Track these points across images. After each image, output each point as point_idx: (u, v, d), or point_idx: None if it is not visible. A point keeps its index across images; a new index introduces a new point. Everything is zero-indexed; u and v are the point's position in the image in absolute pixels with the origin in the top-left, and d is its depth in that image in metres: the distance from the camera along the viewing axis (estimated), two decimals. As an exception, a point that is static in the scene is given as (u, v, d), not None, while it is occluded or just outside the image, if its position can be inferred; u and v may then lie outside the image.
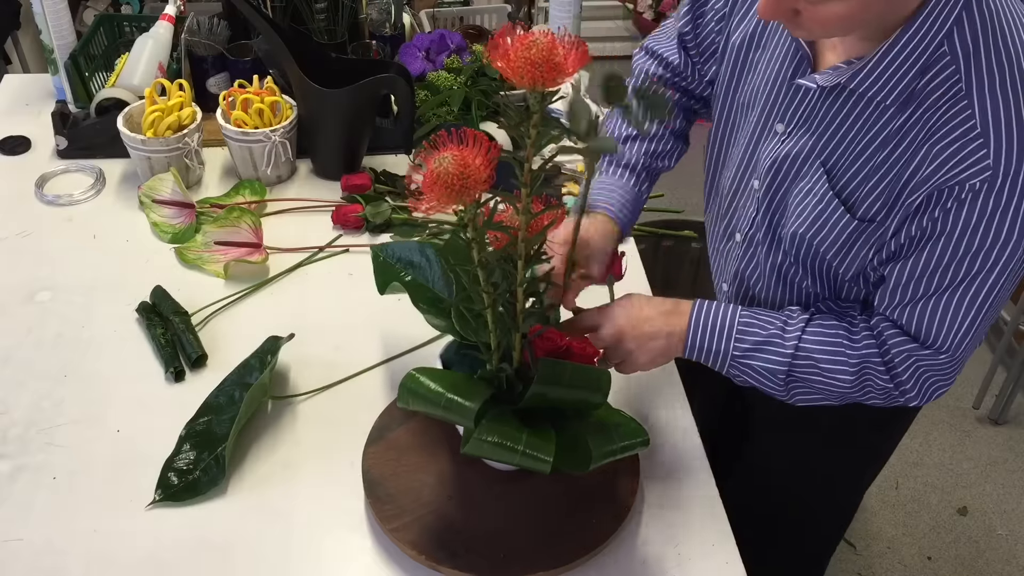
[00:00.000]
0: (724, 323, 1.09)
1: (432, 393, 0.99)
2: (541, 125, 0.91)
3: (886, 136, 0.98)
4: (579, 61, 0.87)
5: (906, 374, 1.05)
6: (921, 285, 1.00)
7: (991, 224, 0.93)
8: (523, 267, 0.97)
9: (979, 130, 0.91)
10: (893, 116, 0.97)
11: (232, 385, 1.25)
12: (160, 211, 1.57)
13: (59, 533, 1.10)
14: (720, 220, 1.27)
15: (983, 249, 0.94)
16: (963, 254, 0.95)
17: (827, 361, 1.06)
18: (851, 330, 1.07)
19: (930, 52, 0.93)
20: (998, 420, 2.50)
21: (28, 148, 1.76)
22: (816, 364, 1.06)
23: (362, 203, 1.57)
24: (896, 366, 1.05)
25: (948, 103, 0.93)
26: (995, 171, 0.91)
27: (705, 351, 1.10)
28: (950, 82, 0.93)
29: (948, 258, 0.96)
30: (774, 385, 1.09)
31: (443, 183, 0.88)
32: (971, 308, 0.99)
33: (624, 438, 1.04)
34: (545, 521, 1.09)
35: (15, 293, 1.43)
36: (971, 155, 0.92)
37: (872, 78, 0.96)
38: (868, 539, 2.19)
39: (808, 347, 1.06)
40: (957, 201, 0.93)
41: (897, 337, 1.04)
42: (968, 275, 0.97)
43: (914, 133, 0.96)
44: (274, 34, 1.58)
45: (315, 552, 1.09)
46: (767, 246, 1.16)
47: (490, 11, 2.73)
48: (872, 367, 1.05)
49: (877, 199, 1.01)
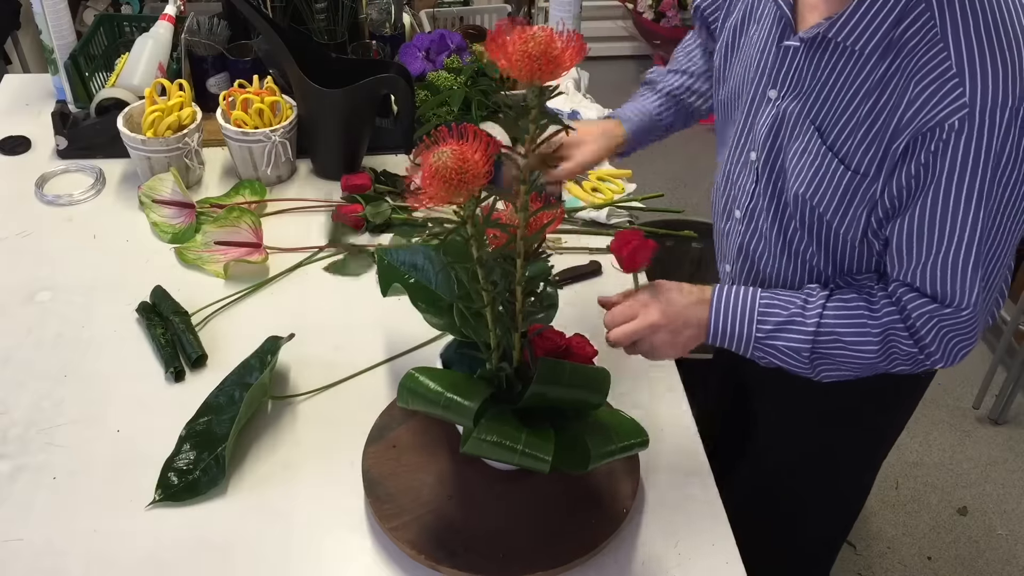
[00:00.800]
0: (745, 306, 1.10)
1: (432, 392, 1.00)
2: (539, 120, 0.91)
3: (870, 86, 1.01)
4: (576, 55, 0.88)
5: (929, 336, 1.06)
6: (924, 244, 1.01)
7: (977, 163, 0.95)
8: (522, 265, 0.97)
9: (955, 70, 0.94)
10: (875, 65, 1.00)
11: (232, 385, 1.25)
12: (160, 211, 1.57)
13: (59, 533, 1.10)
14: (720, 200, 1.29)
15: (975, 189, 0.96)
16: (955, 199, 0.97)
17: (850, 334, 1.07)
18: (871, 300, 1.08)
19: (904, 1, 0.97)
20: (998, 420, 2.50)
21: (28, 148, 1.76)
22: (840, 338, 1.07)
23: (362, 203, 1.57)
24: (919, 329, 1.06)
25: (924, 48, 0.96)
26: (971, 108, 0.93)
27: (728, 336, 1.11)
28: (926, 28, 0.96)
29: (941, 203, 0.98)
30: (799, 363, 1.10)
31: (441, 177, 0.89)
32: (979, 254, 1.00)
33: (623, 438, 1.04)
34: (545, 521, 1.09)
35: (15, 293, 1.43)
36: (948, 95, 0.94)
37: (850, 26, 1.00)
38: (868, 539, 2.19)
39: (830, 322, 1.08)
40: (940, 143, 0.95)
41: (917, 300, 1.05)
42: (967, 222, 0.98)
43: (895, 81, 0.99)
44: (274, 34, 1.58)
45: (315, 552, 1.09)
46: (770, 216, 1.18)
47: (490, 11, 2.73)
48: (896, 333, 1.06)
49: (868, 150, 1.03)
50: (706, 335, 1.12)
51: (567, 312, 1.40)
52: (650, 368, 1.33)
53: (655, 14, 3.47)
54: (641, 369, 1.32)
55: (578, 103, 1.83)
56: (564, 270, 1.49)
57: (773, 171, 1.15)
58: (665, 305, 1.12)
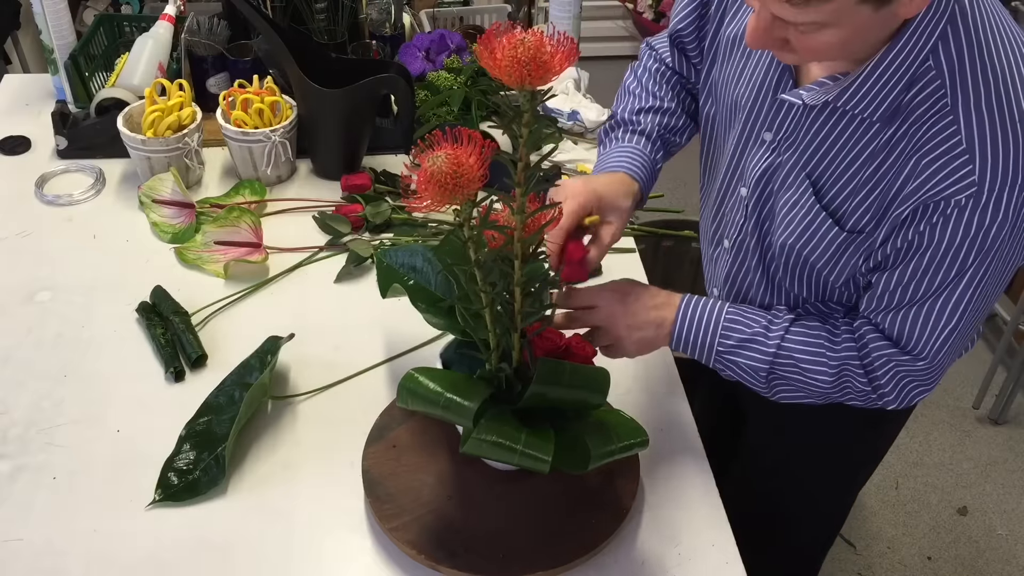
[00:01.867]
0: (711, 319, 1.11)
1: (431, 393, 1.00)
2: (533, 124, 0.90)
3: (873, 151, 0.98)
4: (567, 59, 0.87)
5: (884, 377, 1.06)
6: (906, 293, 1.00)
7: (975, 239, 0.93)
8: (520, 266, 0.97)
9: (964, 146, 0.92)
10: (880, 131, 0.97)
11: (232, 385, 1.25)
12: (160, 211, 1.57)
13: (59, 533, 1.10)
14: (709, 226, 1.28)
15: (967, 262, 0.95)
16: (947, 266, 0.96)
17: (807, 361, 1.08)
18: (833, 332, 1.08)
19: (916, 67, 0.93)
20: (998, 420, 2.50)
21: (28, 148, 1.76)
22: (797, 364, 1.08)
23: (362, 203, 1.57)
24: (875, 369, 1.06)
25: (934, 118, 0.93)
26: (980, 188, 0.91)
27: (691, 344, 1.13)
28: (936, 96, 0.93)
29: (932, 269, 0.97)
30: (757, 382, 1.12)
31: (437, 182, 0.89)
32: (952, 317, 1.00)
33: (623, 438, 1.04)
34: (545, 521, 1.09)
35: (15, 293, 1.43)
36: (957, 171, 0.92)
37: (859, 95, 0.96)
38: (868, 539, 2.19)
39: (790, 347, 1.08)
40: (943, 216, 0.94)
41: (878, 341, 1.05)
42: (948, 285, 0.98)
43: (901, 147, 0.96)
44: (274, 34, 1.58)
45: (315, 552, 1.09)
46: (758, 254, 1.17)
47: (490, 11, 2.73)
48: (851, 369, 1.07)
49: (866, 212, 1.01)
50: (669, 340, 1.13)
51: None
52: (650, 368, 1.33)
53: (655, 14, 3.47)
54: (641, 369, 1.32)
55: (578, 103, 1.83)
56: (564, 270, 1.49)
57: (762, 214, 1.13)
58: (626, 299, 1.12)
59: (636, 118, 1.27)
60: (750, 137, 1.12)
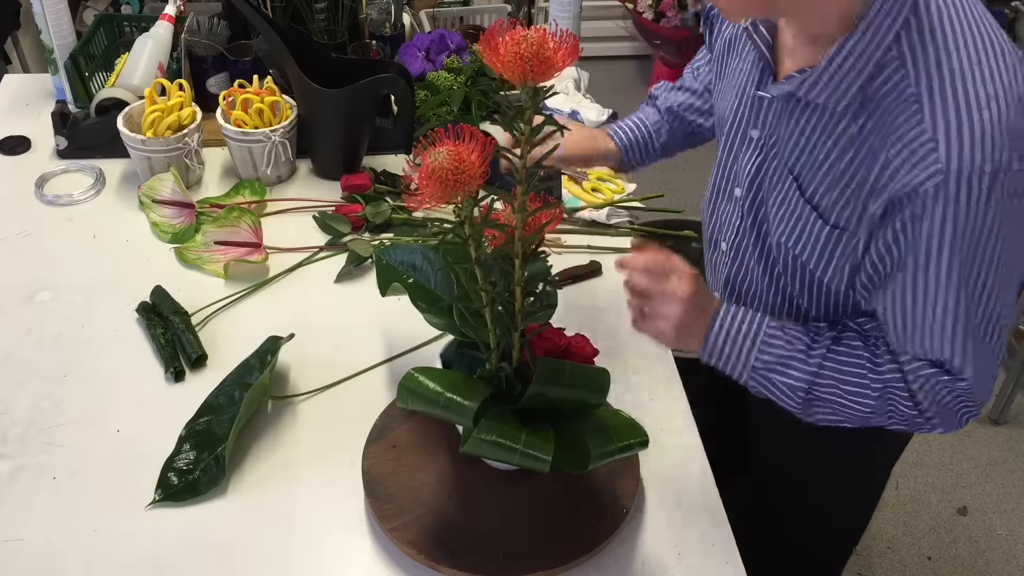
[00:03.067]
0: (748, 331, 1.06)
1: (431, 393, 1.00)
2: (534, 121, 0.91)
3: (845, 143, 0.98)
4: (569, 56, 0.87)
5: (927, 400, 1.03)
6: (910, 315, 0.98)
7: (955, 228, 0.91)
8: (521, 265, 0.97)
9: (930, 133, 0.90)
10: (849, 123, 0.97)
11: (232, 385, 1.25)
12: (160, 211, 1.57)
13: (59, 533, 1.10)
14: (707, 227, 1.28)
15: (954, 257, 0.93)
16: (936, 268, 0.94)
17: (850, 384, 1.04)
18: (875, 354, 1.05)
19: (878, 56, 0.93)
20: (998, 420, 2.50)
21: (28, 148, 1.76)
22: (838, 386, 1.04)
23: (362, 203, 1.57)
24: (916, 392, 1.03)
25: (900, 107, 0.93)
26: (947, 174, 0.89)
27: (725, 357, 1.07)
28: (901, 86, 0.93)
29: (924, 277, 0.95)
30: (793, 402, 1.07)
31: (438, 178, 0.89)
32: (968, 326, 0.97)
33: (623, 438, 1.04)
34: (545, 521, 1.09)
35: (15, 293, 1.43)
36: (923, 159, 0.91)
37: (820, 86, 0.96)
38: (868, 539, 2.19)
39: (831, 367, 1.04)
40: (916, 209, 0.92)
41: (914, 363, 1.01)
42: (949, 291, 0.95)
43: (871, 140, 0.95)
44: (274, 34, 1.58)
45: (315, 552, 1.09)
46: (756, 255, 1.16)
47: (490, 11, 2.73)
48: (895, 393, 1.03)
49: (846, 206, 1.00)
50: (700, 348, 1.08)
51: (567, 312, 1.40)
52: (650, 368, 1.33)
53: (655, 14, 3.46)
54: (641, 369, 1.33)
55: (578, 103, 1.83)
56: (564, 270, 1.50)
57: (757, 214, 1.12)
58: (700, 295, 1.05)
59: (658, 92, 1.42)
60: (739, 136, 1.13)
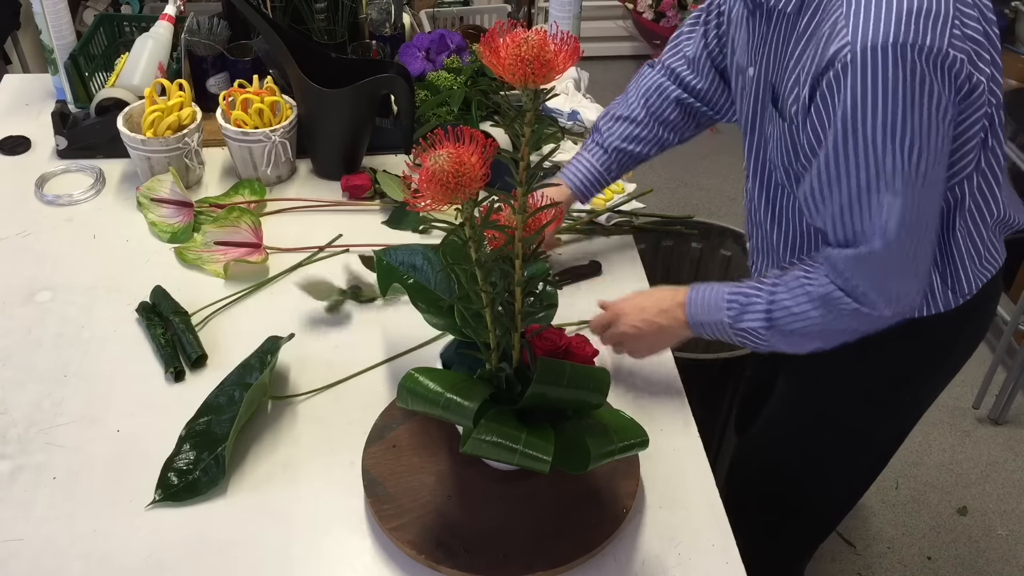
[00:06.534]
0: (714, 298, 1.20)
1: (431, 393, 1.00)
2: (535, 123, 0.91)
3: (794, 41, 1.10)
4: (570, 58, 0.88)
5: (863, 284, 1.10)
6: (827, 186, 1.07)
7: (866, 97, 0.99)
8: (521, 266, 0.97)
9: (843, 12, 1.01)
10: (795, 22, 1.09)
11: (232, 385, 1.25)
12: (158, 211, 1.57)
13: (59, 533, 1.10)
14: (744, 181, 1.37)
15: (863, 124, 1.00)
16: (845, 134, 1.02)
17: (795, 304, 1.14)
18: (808, 268, 1.15)
19: None
20: (998, 420, 2.50)
21: (28, 148, 1.76)
22: (788, 310, 1.15)
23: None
24: (849, 279, 1.10)
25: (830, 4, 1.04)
26: (853, 44, 0.99)
27: (706, 325, 1.21)
28: None
29: (838, 144, 1.03)
30: (763, 340, 1.18)
31: (439, 180, 0.89)
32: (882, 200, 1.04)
33: (623, 438, 1.04)
34: (545, 521, 1.09)
35: (15, 293, 1.43)
36: (836, 35, 1.01)
37: None
38: (868, 539, 2.19)
39: (778, 297, 1.16)
40: (831, 81, 1.01)
41: (835, 252, 1.10)
42: (859, 158, 1.02)
43: (808, 33, 1.07)
44: (274, 34, 1.58)
45: (315, 552, 1.09)
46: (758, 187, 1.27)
47: (490, 11, 2.73)
48: (834, 292, 1.12)
49: (793, 101, 1.10)
50: (687, 328, 1.23)
51: (567, 312, 1.40)
52: (650, 368, 1.33)
53: (655, 14, 3.46)
54: (641, 369, 1.33)
55: (578, 103, 1.83)
56: (564, 270, 1.50)
57: (757, 143, 1.24)
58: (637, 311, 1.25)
59: (601, 125, 1.45)
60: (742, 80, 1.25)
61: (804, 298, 1.13)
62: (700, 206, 3.23)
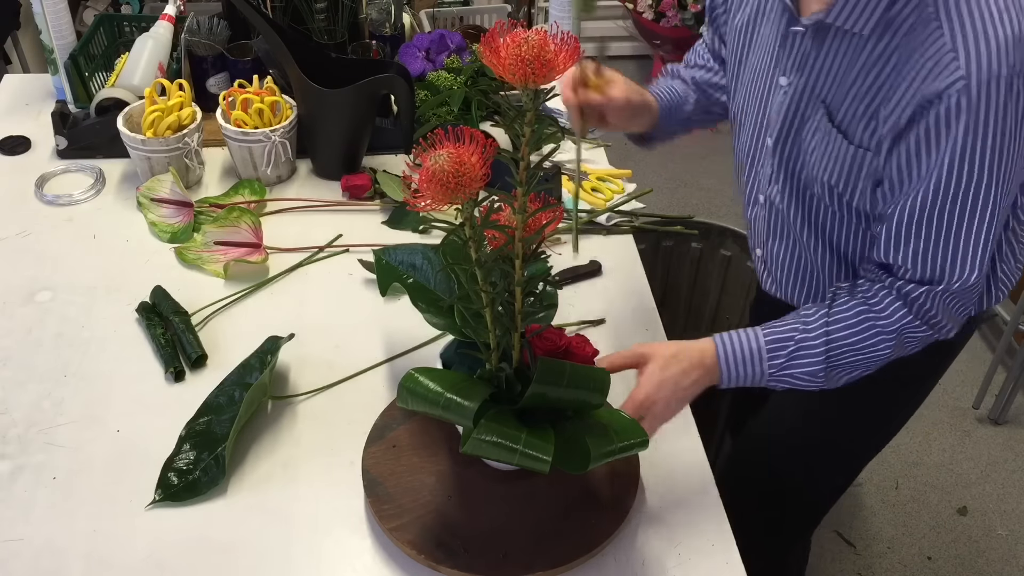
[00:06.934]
0: (751, 349, 1.13)
1: (431, 393, 1.00)
2: (535, 123, 0.91)
3: (869, 64, 1.05)
4: (570, 58, 0.88)
5: (941, 314, 1.10)
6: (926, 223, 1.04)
7: (976, 133, 0.97)
8: (521, 266, 0.97)
9: (951, 46, 0.97)
10: (874, 44, 1.04)
11: (232, 385, 1.25)
12: (158, 211, 1.57)
13: (59, 533, 1.10)
14: (744, 189, 1.33)
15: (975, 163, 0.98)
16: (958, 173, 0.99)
17: (862, 342, 1.11)
18: (870, 301, 1.11)
19: None
20: (998, 420, 2.50)
21: (28, 148, 1.76)
22: (852, 347, 1.11)
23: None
24: (928, 311, 1.09)
25: (920, 26, 1.00)
26: (968, 80, 0.96)
27: (742, 380, 1.14)
28: (920, 7, 1.00)
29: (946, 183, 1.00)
30: (816, 382, 1.14)
31: (439, 180, 0.89)
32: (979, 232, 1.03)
33: (623, 438, 1.04)
34: (545, 521, 1.09)
35: (15, 293, 1.43)
36: (945, 67, 0.98)
37: (846, 11, 1.04)
38: (868, 539, 2.19)
39: (838, 336, 1.11)
40: (938, 114, 0.98)
41: (919, 289, 1.08)
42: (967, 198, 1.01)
43: (894, 58, 1.03)
44: (274, 34, 1.58)
45: (315, 552, 1.09)
46: (787, 197, 1.22)
47: (490, 11, 2.73)
48: (909, 327, 1.10)
49: (868, 124, 1.06)
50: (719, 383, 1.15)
51: (567, 312, 1.40)
52: (650, 368, 1.33)
53: (655, 14, 3.46)
54: (641, 369, 1.33)
55: (578, 103, 1.83)
56: (564, 270, 1.50)
57: (790, 153, 1.19)
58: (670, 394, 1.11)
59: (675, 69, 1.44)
60: (769, 89, 1.19)
61: (872, 333, 1.10)
62: (700, 206, 3.23)
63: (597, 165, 1.71)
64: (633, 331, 1.40)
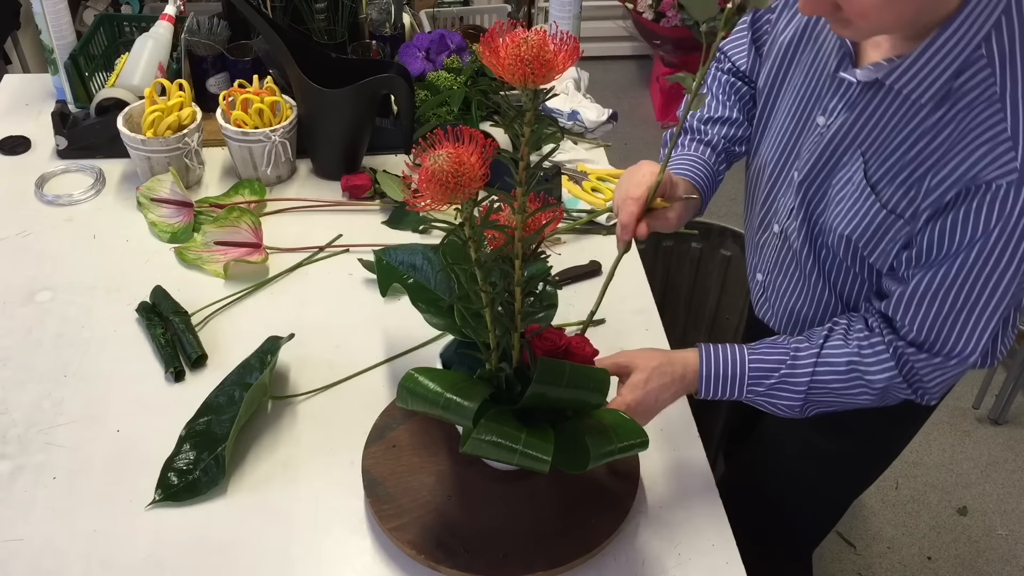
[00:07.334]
0: (734, 374, 1.13)
1: (431, 393, 0.99)
2: (535, 123, 0.91)
3: (920, 132, 1.00)
4: (569, 58, 0.88)
5: (930, 383, 1.09)
6: (945, 299, 1.01)
7: (1013, 226, 0.94)
8: (521, 266, 0.97)
9: (1008, 133, 0.93)
10: (928, 113, 0.99)
11: (232, 385, 1.25)
12: (158, 211, 1.57)
13: (59, 533, 1.10)
14: (758, 211, 1.29)
15: (1007, 252, 0.96)
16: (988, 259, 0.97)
17: (845, 390, 1.10)
18: (863, 353, 1.09)
19: (967, 54, 0.95)
20: (998, 420, 2.50)
21: (28, 148, 1.76)
22: (833, 391, 1.11)
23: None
24: (915, 377, 1.08)
25: (982, 105, 0.95)
26: (1021, 173, 0.92)
27: (718, 397, 1.15)
28: (985, 84, 0.95)
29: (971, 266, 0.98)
30: (789, 413, 1.14)
31: (438, 180, 0.89)
32: (990, 317, 1.01)
33: (623, 439, 1.04)
34: (545, 521, 1.09)
35: (15, 293, 1.43)
36: (1000, 156, 0.94)
37: (909, 75, 0.99)
38: (868, 539, 2.19)
39: (823, 379, 1.11)
40: (983, 200, 0.95)
41: (917, 355, 1.06)
42: (991, 283, 0.98)
43: (948, 131, 0.98)
44: (274, 34, 1.58)
45: (315, 552, 1.09)
46: (808, 240, 1.18)
47: (490, 11, 2.73)
48: (894, 386, 1.09)
49: (907, 193, 1.02)
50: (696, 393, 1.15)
51: (567, 312, 1.40)
52: (650, 368, 1.33)
53: (655, 14, 3.46)
54: (641, 369, 1.32)
55: (578, 103, 1.83)
56: (564, 270, 1.50)
57: (815, 195, 1.15)
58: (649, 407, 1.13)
59: (703, 127, 1.31)
60: (804, 122, 1.15)
61: (856, 384, 1.10)
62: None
63: (597, 165, 1.71)
64: (633, 331, 1.40)
